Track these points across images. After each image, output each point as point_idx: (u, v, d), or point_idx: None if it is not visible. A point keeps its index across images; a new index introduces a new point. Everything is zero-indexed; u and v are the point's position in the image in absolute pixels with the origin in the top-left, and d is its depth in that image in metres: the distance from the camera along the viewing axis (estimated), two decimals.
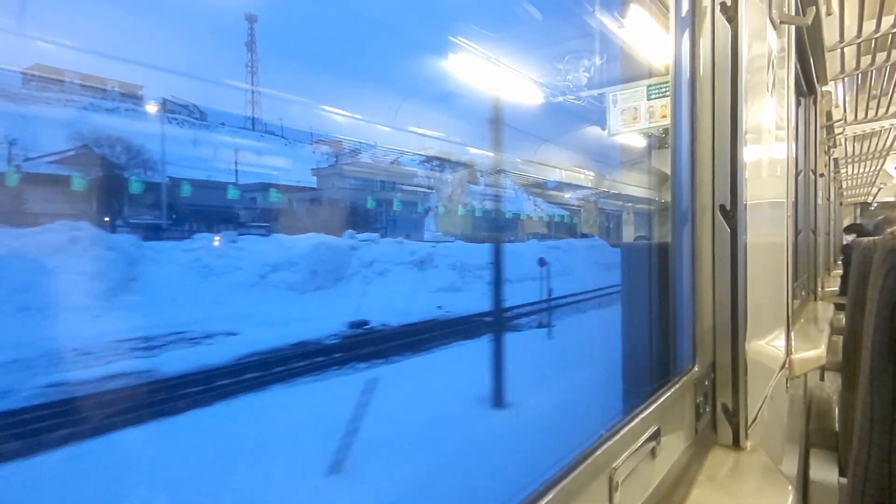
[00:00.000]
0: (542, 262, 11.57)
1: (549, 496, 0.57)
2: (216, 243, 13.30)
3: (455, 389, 5.85)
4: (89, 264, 10.43)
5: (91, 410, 5.25)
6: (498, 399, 5.24)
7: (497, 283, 6.72)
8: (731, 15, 1.03)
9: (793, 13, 1.73)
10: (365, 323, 10.15)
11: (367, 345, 8.29)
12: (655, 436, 0.81)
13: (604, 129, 2.25)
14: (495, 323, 6.61)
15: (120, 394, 5.83)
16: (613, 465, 0.69)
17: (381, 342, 8.47)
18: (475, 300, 11.87)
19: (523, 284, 12.96)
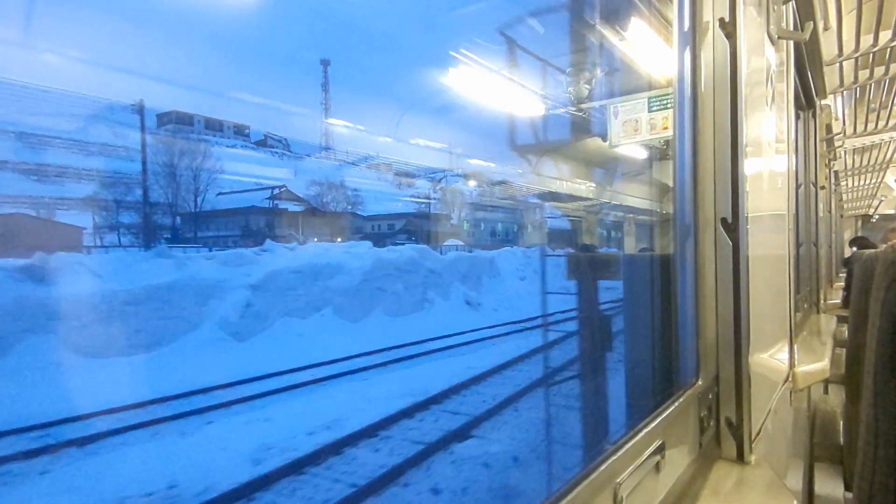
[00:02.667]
0: None
1: None
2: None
3: None
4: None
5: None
6: None
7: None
8: (729, 31, 1.04)
9: (791, 28, 1.75)
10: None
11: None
12: (660, 450, 0.81)
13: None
14: None
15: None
16: (618, 480, 0.69)
17: None
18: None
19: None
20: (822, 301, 3.58)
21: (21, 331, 8.07)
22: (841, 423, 2.27)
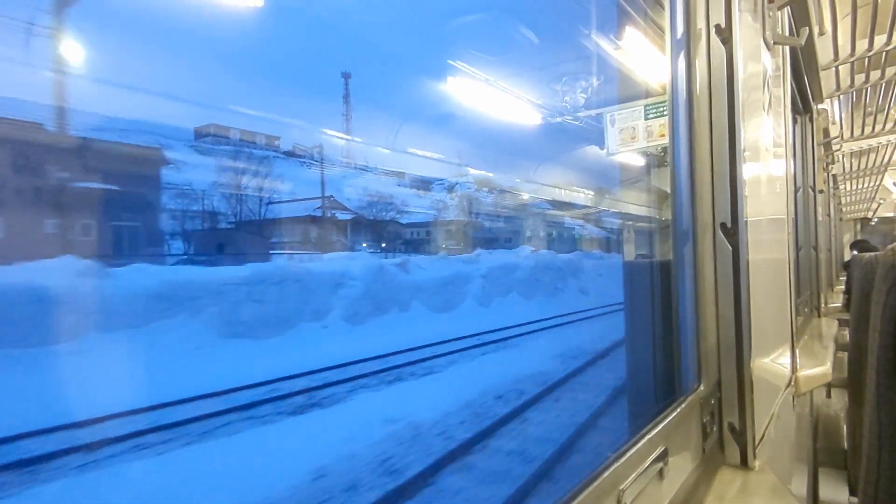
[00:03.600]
0: None
1: None
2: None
3: None
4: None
5: None
6: None
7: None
8: (725, 37, 1.05)
9: (786, 34, 1.76)
10: None
11: None
12: (663, 456, 0.80)
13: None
14: None
15: None
16: (621, 487, 0.68)
17: None
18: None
19: None
20: (822, 305, 3.58)
21: (408, 298, 15.03)
22: (844, 427, 2.26)
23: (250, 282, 11.64)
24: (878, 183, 7.18)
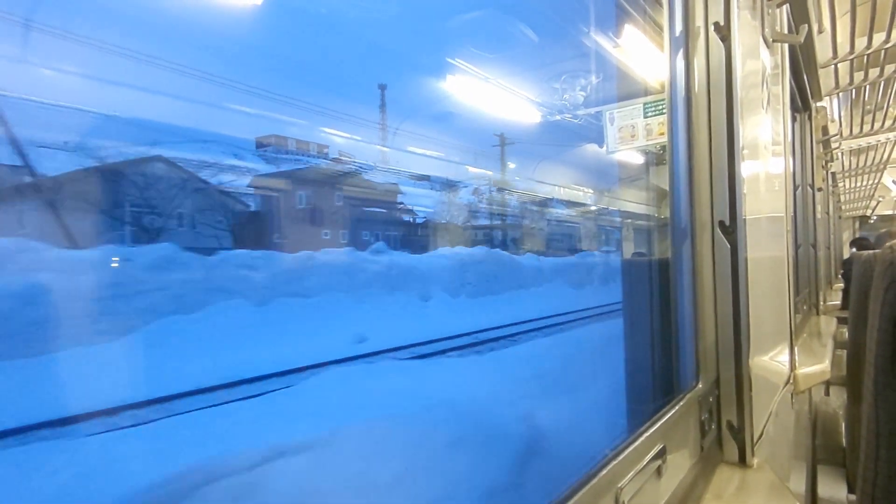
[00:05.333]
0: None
1: None
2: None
3: None
4: None
5: None
6: None
7: None
8: (724, 34, 1.05)
9: (785, 31, 1.76)
10: None
11: None
12: (661, 454, 0.80)
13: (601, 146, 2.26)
14: None
15: None
16: (619, 485, 0.68)
17: None
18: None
19: None
20: (821, 303, 3.58)
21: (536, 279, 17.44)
22: (843, 424, 2.26)
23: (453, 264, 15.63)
24: (877, 180, 7.18)
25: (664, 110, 1.98)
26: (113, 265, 9.20)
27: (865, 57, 2.54)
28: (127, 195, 15.82)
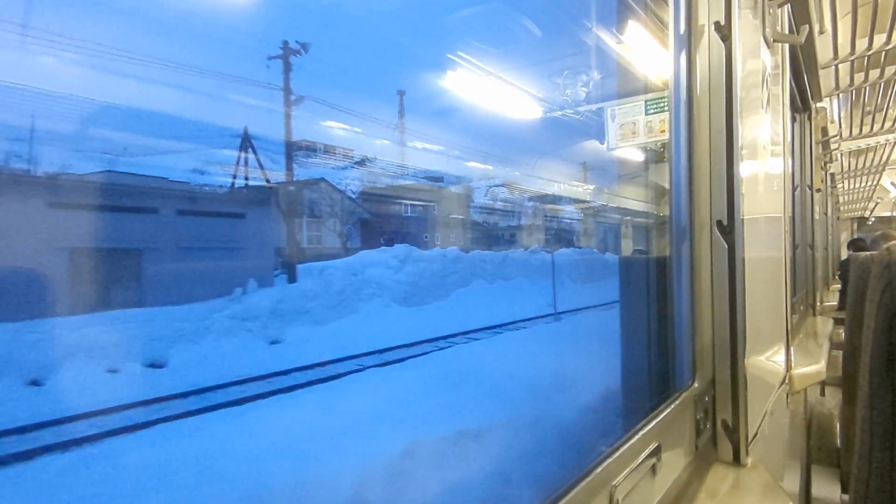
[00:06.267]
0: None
1: None
2: None
3: None
4: None
5: None
6: None
7: None
8: (725, 34, 1.04)
9: (786, 32, 1.75)
10: None
11: None
12: (656, 452, 0.80)
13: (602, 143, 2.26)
14: None
15: None
16: (614, 483, 0.68)
17: None
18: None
19: None
20: (818, 303, 3.59)
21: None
22: (838, 425, 2.27)
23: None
24: (875, 182, 7.19)
25: (665, 108, 1.98)
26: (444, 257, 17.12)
27: (866, 58, 2.54)
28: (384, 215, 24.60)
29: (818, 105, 3.13)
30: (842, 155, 5.12)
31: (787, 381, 1.59)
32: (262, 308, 10.59)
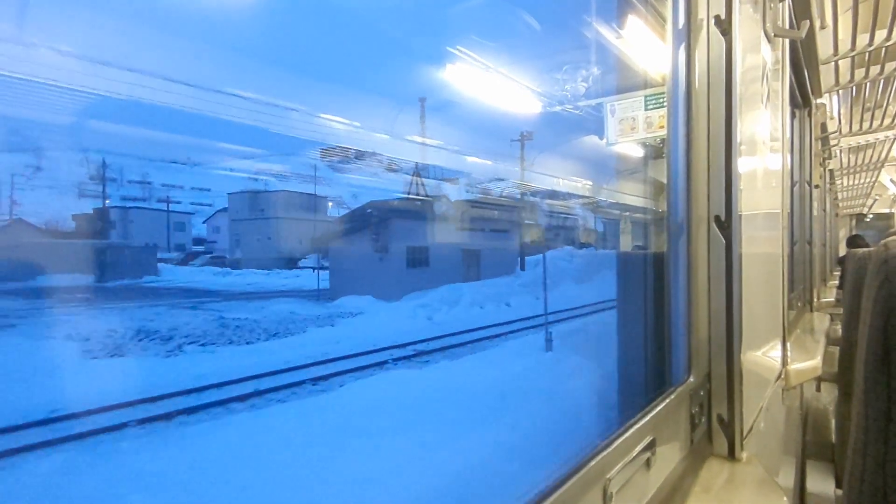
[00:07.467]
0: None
1: None
2: None
3: None
4: None
5: None
6: None
7: None
8: (725, 28, 1.04)
9: (787, 27, 1.75)
10: None
11: None
12: (650, 446, 0.81)
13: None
14: None
15: None
16: (608, 476, 0.69)
17: None
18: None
19: None
20: (815, 299, 3.60)
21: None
22: (833, 420, 2.28)
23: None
24: (874, 179, 7.20)
25: (664, 103, 1.97)
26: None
27: (867, 54, 2.53)
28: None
29: (818, 101, 3.12)
30: (841, 151, 5.12)
31: (783, 377, 1.59)
32: (528, 280, 20.76)
